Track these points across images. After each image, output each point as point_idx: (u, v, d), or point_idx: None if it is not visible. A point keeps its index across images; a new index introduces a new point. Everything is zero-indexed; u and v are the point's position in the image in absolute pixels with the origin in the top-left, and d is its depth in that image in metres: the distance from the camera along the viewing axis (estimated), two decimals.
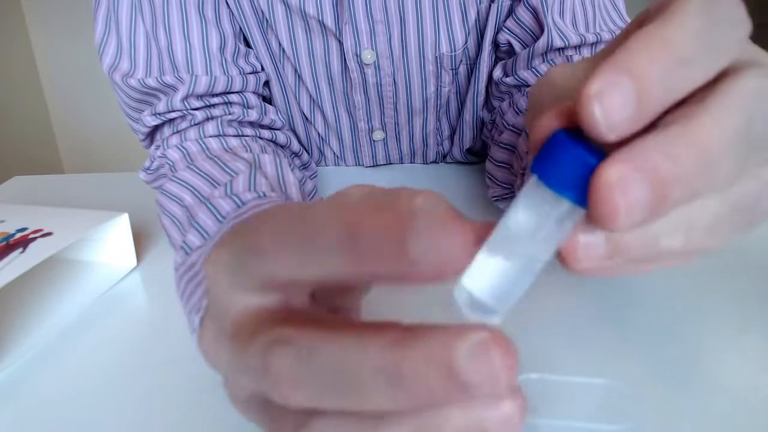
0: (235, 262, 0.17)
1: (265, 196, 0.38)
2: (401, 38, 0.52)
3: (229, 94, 0.50)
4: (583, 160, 0.15)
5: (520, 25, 0.49)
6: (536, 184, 0.16)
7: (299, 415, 0.16)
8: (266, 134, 0.52)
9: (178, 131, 0.49)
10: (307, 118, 0.58)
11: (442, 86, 0.55)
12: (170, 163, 0.47)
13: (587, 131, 0.15)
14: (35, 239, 0.40)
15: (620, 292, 0.39)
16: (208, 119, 0.49)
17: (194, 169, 0.43)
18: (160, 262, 0.47)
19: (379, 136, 0.59)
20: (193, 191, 0.40)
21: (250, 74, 0.51)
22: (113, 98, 0.58)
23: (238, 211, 0.36)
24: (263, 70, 0.54)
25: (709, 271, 0.41)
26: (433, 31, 0.52)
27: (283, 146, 0.54)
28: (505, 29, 0.51)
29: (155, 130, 0.51)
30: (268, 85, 0.56)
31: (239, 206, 0.37)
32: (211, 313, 0.19)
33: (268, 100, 0.57)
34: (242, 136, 0.49)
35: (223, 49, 0.50)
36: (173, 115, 0.48)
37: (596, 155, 0.15)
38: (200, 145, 0.47)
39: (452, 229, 0.14)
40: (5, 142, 1.94)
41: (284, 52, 0.53)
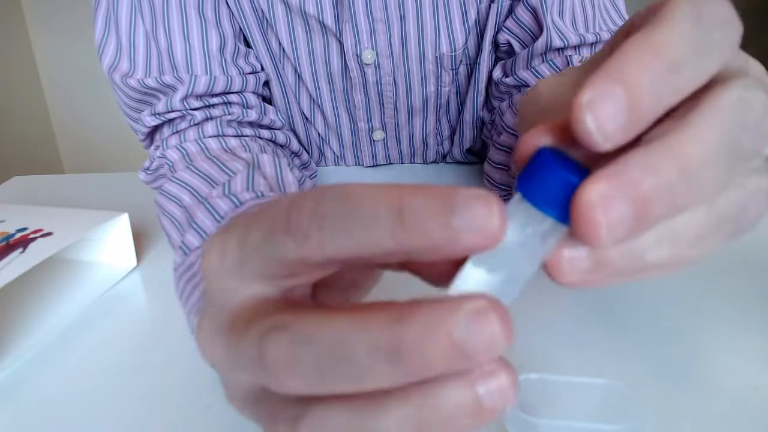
0: (243, 250, 0.17)
1: (263, 195, 0.38)
2: (401, 37, 0.52)
3: (228, 94, 0.50)
4: (565, 178, 0.15)
5: (519, 25, 0.49)
6: (520, 200, 0.16)
7: (297, 405, 0.16)
8: (266, 134, 0.52)
9: (177, 131, 0.49)
10: (307, 117, 0.58)
11: (442, 86, 0.55)
12: (170, 163, 0.47)
13: (580, 141, 0.15)
14: (35, 239, 0.40)
15: (620, 292, 0.39)
16: (207, 119, 0.49)
17: (193, 169, 0.43)
18: (160, 262, 0.47)
19: (379, 135, 0.59)
20: (191, 191, 0.40)
21: (249, 74, 0.51)
22: (113, 98, 0.58)
23: (236, 211, 0.36)
24: (263, 70, 0.54)
25: (709, 271, 0.41)
26: (433, 30, 0.52)
27: (282, 146, 0.54)
28: (504, 29, 0.51)
29: (155, 130, 0.51)
30: (267, 85, 0.56)
31: (237, 206, 0.37)
32: (207, 306, 0.19)
33: (267, 100, 0.57)
34: (241, 136, 0.49)
35: (222, 49, 0.50)
36: (173, 115, 0.48)
37: (579, 173, 0.15)
38: (199, 145, 0.47)
39: (491, 200, 0.14)
40: (5, 142, 1.94)
41: (284, 51, 0.53)
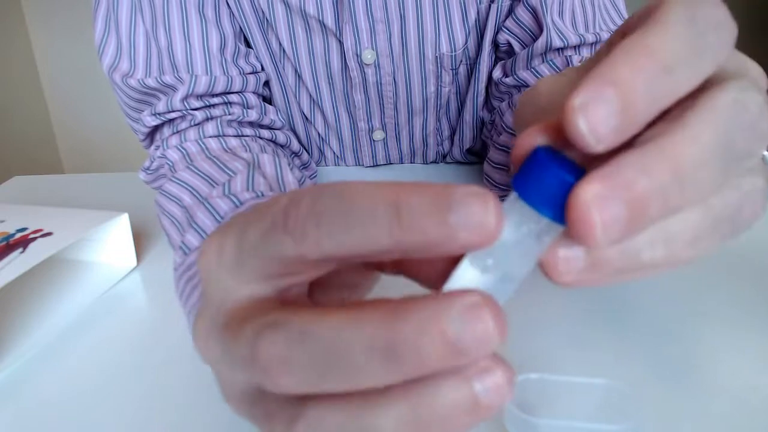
0: (241, 248, 0.17)
1: (263, 195, 0.38)
2: (401, 37, 0.52)
3: (228, 94, 0.50)
4: (561, 178, 0.15)
5: (519, 25, 0.49)
6: (516, 199, 0.16)
7: (294, 404, 0.16)
8: (266, 134, 0.52)
9: (177, 131, 0.49)
10: (307, 117, 0.58)
11: (442, 86, 0.55)
12: (170, 163, 0.47)
13: (574, 143, 0.15)
14: (35, 239, 0.40)
15: (620, 292, 0.39)
16: (207, 119, 0.49)
17: (193, 169, 0.43)
18: (160, 262, 0.47)
19: (379, 136, 0.59)
20: (192, 191, 0.40)
21: (250, 74, 0.51)
22: (113, 98, 0.58)
23: (236, 211, 0.36)
24: (263, 70, 0.54)
25: (709, 271, 0.41)
26: (433, 30, 0.52)
27: (282, 146, 0.54)
28: (504, 29, 0.51)
29: (155, 130, 0.51)
30: (268, 85, 0.56)
31: (237, 206, 0.37)
32: (204, 305, 0.19)
33: (268, 100, 0.57)
34: (242, 136, 0.49)
35: (223, 49, 0.50)
36: (173, 115, 0.48)
37: (575, 173, 0.15)
38: (200, 145, 0.47)
39: (488, 197, 0.14)
40: (5, 142, 1.94)
41: (284, 51, 0.53)
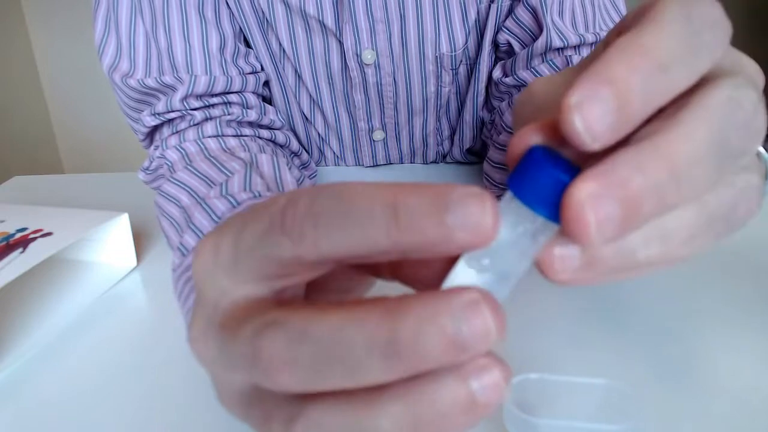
0: (237, 249, 0.17)
1: (260, 195, 0.38)
2: (401, 37, 0.52)
3: (228, 94, 0.50)
4: (556, 177, 0.15)
5: (519, 25, 0.49)
6: (512, 199, 0.16)
7: (292, 404, 0.16)
8: (265, 134, 0.52)
9: (177, 132, 0.49)
10: (307, 118, 0.58)
11: (442, 86, 0.55)
12: (169, 163, 0.47)
13: (570, 141, 0.15)
14: (35, 239, 0.40)
15: (620, 292, 0.39)
16: (207, 119, 0.49)
17: (192, 169, 0.43)
18: (159, 262, 0.47)
19: (379, 136, 0.59)
20: (190, 192, 0.40)
21: (249, 74, 0.51)
22: (113, 98, 0.58)
23: (233, 211, 0.36)
24: (263, 70, 0.54)
25: (709, 271, 0.41)
26: (433, 29, 0.52)
27: (282, 146, 0.54)
28: (504, 29, 0.51)
29: (154, 130, 0.51)
30: (267, 85, 0.56)
31: (234, 206, 0.37)
32: (198, 305, 0.19)
33: (267, 100, 0.57)
34: (241, 136, 0.49)
35: (222, 49, 0.50)
36: (172, 115, 0.48)
37: (569, 172, 0.15)
38: (199, 145, 0.47)
39: (485, 198, 0.14)
40: (5, 142, 1.94)
41: (284, 52, 0.53)
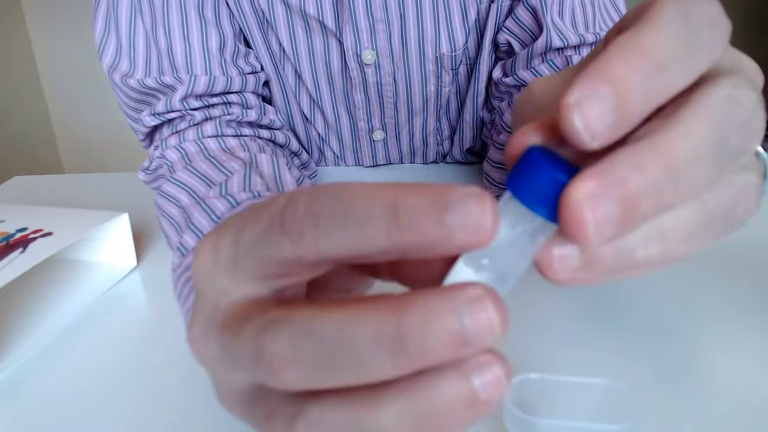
0: (237, 249, 0.17)
1: (260, 195, 0.38)
2: (401, 36, 0.52)
3: (228, 94, 0.50)
4: (554, 177, 0.15)
5: (519, 25, 0.49)
6: (510, 199, 0.16)
7: (294, 402, 0.16)
8: (265, 134, 0.52)
9: (176, 132, 0.49)
10: (307, 118, 0.58)
11: (442, 86, 0.55)
12: (169, 163, 0.47)
13: (569, 140, 0.15)
14: (35, 239, 0.40)
15: (620, 292, 0.39)
16: (206, 119, 0.49)
17: (191, 169, 0.43)
18: (159, 262, 0.47)
19: (379, 136, 0.59)
20: (189, 192, 0.40)
21: (249, 74, 0.51)
22: (113, 98, 0.58)
23: (232, 211, 0.36)
24: (263, 70, 0.54)
25: (709, 270, 0.41)
26: (433, 29, 0.52)
27: (282, 146, 0.54)
28: (504, 29, 0.51)
29: (154, 130, 0.51)
30: (267, 85, 0.56)
31: (234, 206, 0.37)
32: (198, 305, 0.19)
33: (267, 100, 0.57)
34: (241, 136, 0.49)
35: (222, 49, 0.49)
36: (172, 115, 0.48)
37: (568, 172, 0.15)
38: (198, 145, 0.47)
39: (484, 198, 0.14)
40: (5, 142, 1.94)
41: (284, 52, 0.53)
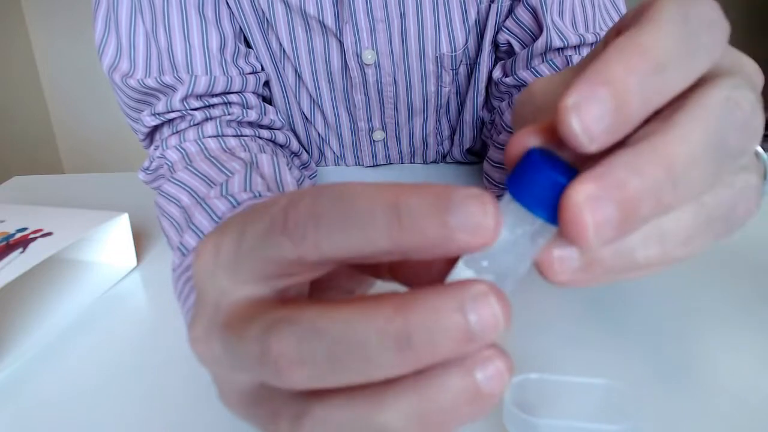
0: (238, 249, 0.17)
1: (260, 195, 0.38)
2: (401, 36, 0.52)
3: (228, 94, 0.50)
4: (553, 179, 0.15)
5: (519, 25, 0.49)
6: (510, 201, 0.16)
7: (299, 402, 0.16)
8: (265, 134, 0.52)
9: (177, 132, 0.49)
10: (307, 118, 0.58)
11: (442, 86, 0.55)
12: (169, 163, 0.47)
13: (567, 143, 0.15)
14: (35, 239, 0.40)
15: (620, 292, 0.39)
16: (207, 119, 0.49)
17: (192, 169, 0.43)
18: (160, 262, 0.47)
19: (379, 136, 0.59)
20: (190, 192, 0.40)
21: (249, 74, 0.51)
22: (113, 98, 0.58)
23: (233, 211, 0.36)
24: (263, 70, 0.54)
25: (708, 270, 0.41)
26: (433, 29, 0.52)
27: (282, 146, 0.54)
28: (504, 29, 0.51)
29: (155, 130, 0.51)
30: (268, 85, 0.56)
31: (234, 206, 0.37)
32: (199, 306, 0.19)
33: (268, 100, 0.57)
34: (241, 136, 0.49)
35: (222, 49, 0.49)
36: (172, 115, 0.48)
37: (567, 174, 0.15)
38: (199, 145, 0.47)
39: (486, 199, 0.14)
40: (5, 142, 1.94)
41: (284, 51, 0.53)
